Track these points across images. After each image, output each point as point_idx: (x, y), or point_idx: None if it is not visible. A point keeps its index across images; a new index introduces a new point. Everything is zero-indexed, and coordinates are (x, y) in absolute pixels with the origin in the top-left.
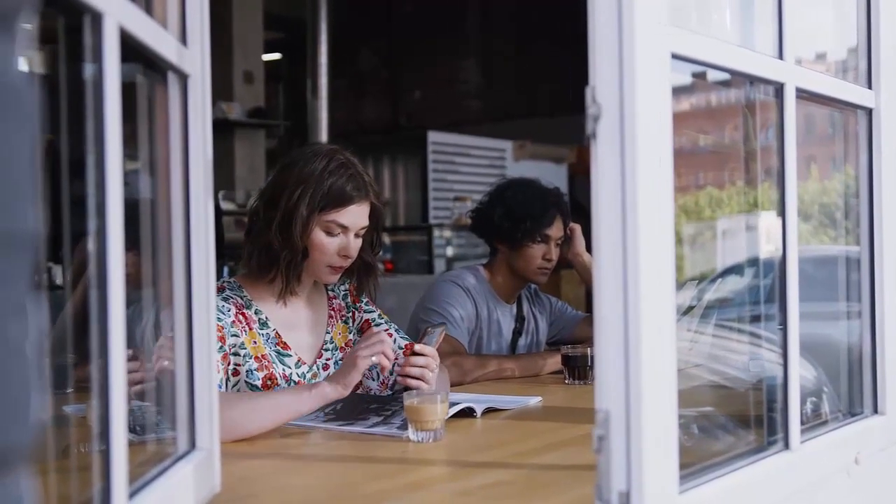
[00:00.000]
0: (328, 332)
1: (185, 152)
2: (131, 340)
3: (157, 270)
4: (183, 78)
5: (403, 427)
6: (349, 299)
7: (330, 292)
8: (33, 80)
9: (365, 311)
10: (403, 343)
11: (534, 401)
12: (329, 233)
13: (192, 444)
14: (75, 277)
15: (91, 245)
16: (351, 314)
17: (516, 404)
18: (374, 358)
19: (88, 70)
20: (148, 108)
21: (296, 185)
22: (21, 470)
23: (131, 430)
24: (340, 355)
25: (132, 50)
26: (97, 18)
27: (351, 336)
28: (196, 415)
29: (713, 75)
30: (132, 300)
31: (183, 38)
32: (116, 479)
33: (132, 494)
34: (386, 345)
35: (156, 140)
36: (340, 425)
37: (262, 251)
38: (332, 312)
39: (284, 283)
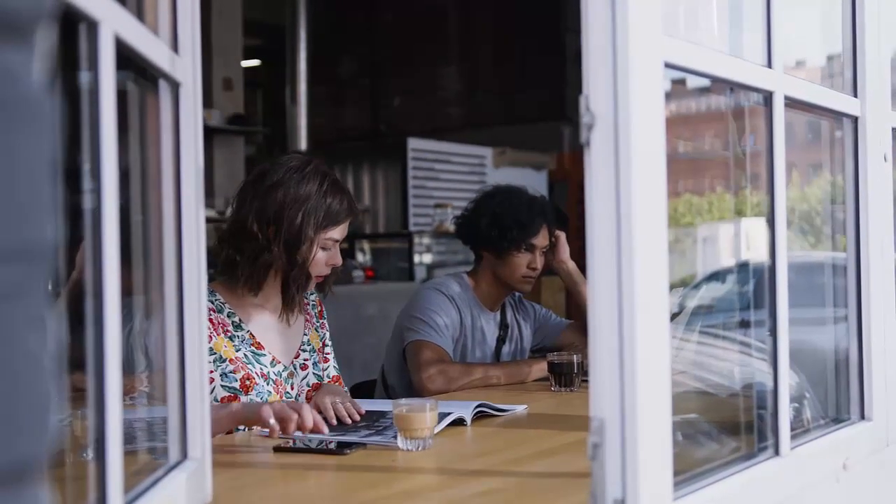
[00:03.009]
0: (305, 334)
1: (177, 161)
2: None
3: (147, 280)
4: (175, 86)
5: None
6: (316, 311)
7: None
8: (51, 90)
9: (326, 330)
10: (333, 374)
11: (520, 408)
12: (324, 248)
13: (184, 454)
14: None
15: (84, 253)
16: (321, 324)
17: (505, 410)
18: (272, 421)
19: (83, 77)
20: (139, 116)
21: (296, 206)
22: (40, 481)
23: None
24: (317, 357)
25: (125, 57)
26: (93, 27)
27: (321, 343)
28: (188, 425)
29: (693, 82)
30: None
31: (175, 46)
32: (112, 489)
33: None
34: (293, 421)
35: (146, 148)
36: (333, 435)
37: (262, 270)
38: (308, 316)
39: (293, 301)
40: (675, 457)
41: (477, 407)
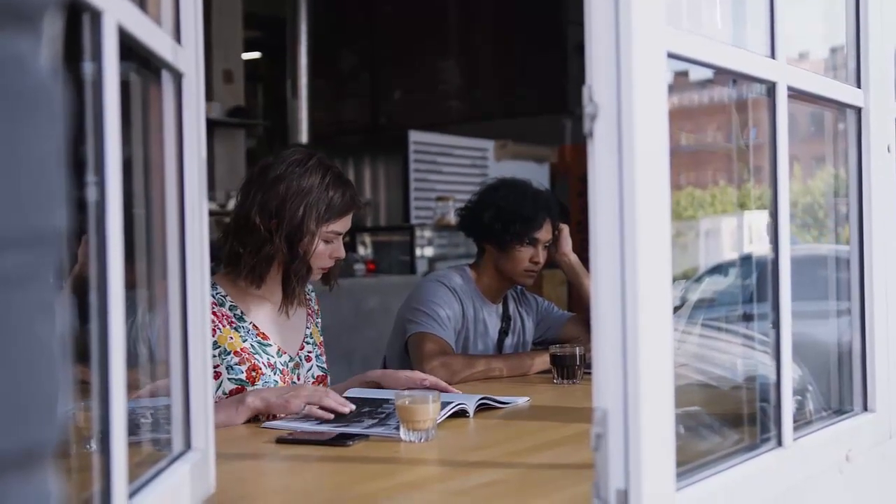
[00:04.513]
0: (308, 328)
1: (180, 152)
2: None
3: (150, 271)
4: (177, 76)
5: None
6: (315, 307)
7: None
8: (59, 78)
9: (322, 328)
10: (318, 373)
11: (522, 400)
12: (326, 241)
13: (188, 445)
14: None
15: (88, 245)
16: (320, 320)
17: (507, 402)
18: (306, 409)
19: (87, 68)
20: (141, 108)
21: (298, 200)
22: (49, 467)
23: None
24: (319, 351)
25: (128, 48)
26: (96, 16)
27: (321, 338)
28: (192, 415)
29: (696, 74)
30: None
31: (177, 37)
32: (117, 479)
33: (131, 495)
34: (326, 401)
35: (149, 139)
36: (336, 426)
37: (264, 262)
38: (310, 311)
39: (293, 292)
40: (678, 448)
41: (479, 400)
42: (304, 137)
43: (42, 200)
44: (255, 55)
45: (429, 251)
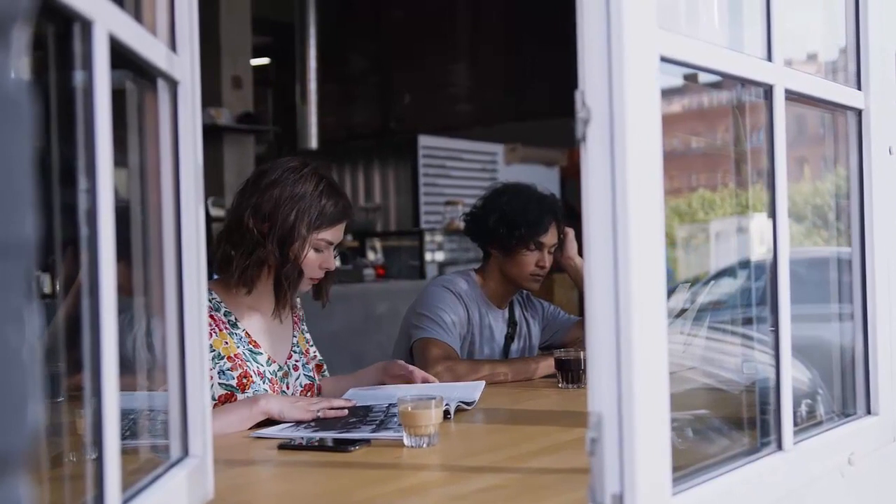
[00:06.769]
0: (294, 336)
1: (176, 159)
2: (122, 349)
3: (147, 279)
4: (173, 84)
5: (401, 430)
6: (301, 314)
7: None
8: (28, 88)
9: (307, 332)
10: (306, 382)
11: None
12: (317, 249)
13: (185, 451)
14: (67, 285)
15: (82, 253)
16: (305, 325)
17: (471, 403)
18: (319, 414)
19: (78, 77)
20: (137, 115)
21: (290, 204)
22: (18, 475)
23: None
24: (305, 359)
25: (121, 56)
26: (87, 26)
27: (307, 345)
28: (189, 422)
29: (704, 77)
30: (122, 309)
31: (172, 45)
32: (110, 486)
33: (125, 502)
34: (334, 403)
35: (145, 147)
36: (338, 432)
37: (255, 265)
38: (296, 319)
39: (285, 297)
40: (679, 452)
41: (457, 402)
42: (313, 143)
43: (9, 210)
44: (264, 61)
45: (439, 256)
